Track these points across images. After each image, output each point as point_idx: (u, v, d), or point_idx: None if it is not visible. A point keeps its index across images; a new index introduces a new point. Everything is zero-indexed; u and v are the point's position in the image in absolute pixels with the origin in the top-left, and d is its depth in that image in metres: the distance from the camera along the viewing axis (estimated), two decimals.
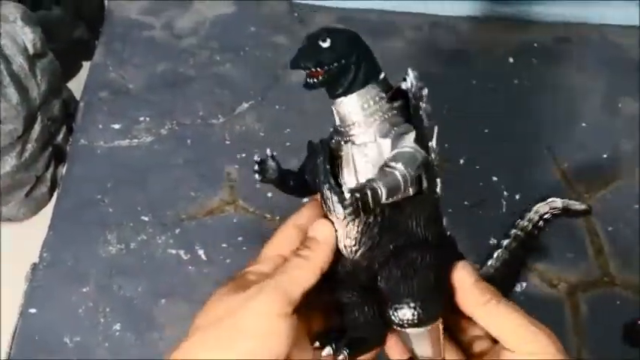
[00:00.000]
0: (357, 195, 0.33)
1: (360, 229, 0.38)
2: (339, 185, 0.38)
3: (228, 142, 0.70)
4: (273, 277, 0.38)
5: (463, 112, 0.72)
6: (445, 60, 0.79)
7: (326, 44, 0.36)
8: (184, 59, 0.76)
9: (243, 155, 0.69)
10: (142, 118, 0.70)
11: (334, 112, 0.38)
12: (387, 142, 0.37)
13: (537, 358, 0.36)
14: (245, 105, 0.73)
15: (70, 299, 0.59)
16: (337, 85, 0.37)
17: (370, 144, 0.37)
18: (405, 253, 0.37)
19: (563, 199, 0.43)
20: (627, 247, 0.66)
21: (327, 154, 0.39)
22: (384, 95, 0.38)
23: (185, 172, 0.67)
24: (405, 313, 0.36)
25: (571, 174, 0.70)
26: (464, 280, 0.38)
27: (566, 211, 0.49)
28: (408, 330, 0.37)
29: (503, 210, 0.67)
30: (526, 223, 0.50)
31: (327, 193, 0.38)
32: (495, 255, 0.50)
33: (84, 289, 0.59)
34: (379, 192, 0.34)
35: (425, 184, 0.37)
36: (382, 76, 0.38)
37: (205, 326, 0.37)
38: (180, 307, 0.59)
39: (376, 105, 0.37)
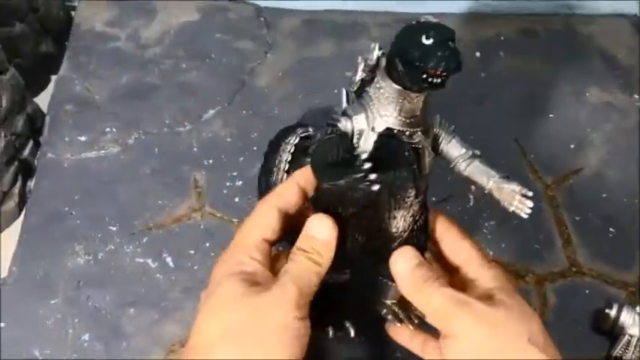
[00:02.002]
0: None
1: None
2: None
3: (195, 150, 0.70)
4: (286, 284, 0.38)
5: (431, 107, 0.73)
6: None
7: (454, 44, 0.36)
8: (150, 69, 0.76)
9: (210, 161, 0.69)
10: (108, 129, 0.71)
11: (400, 104, 0.39)
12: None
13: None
14: (211, 111, 0.73)
15: (38, 312, 0.59)
16: None
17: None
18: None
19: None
20: (595, 236, 0.66)
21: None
22: None
23: (152, 181, 0.68)
24: None
25: (538, 165, 0.71)
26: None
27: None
28: None
29: (471, 204, 0.67)
30: None
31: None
32: None
33: (52, 302, 0.60)
34: None
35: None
36: None
37: (227, 335, 0.36)
38: (148, 315, 0.59)
39: None
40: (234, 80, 0.76)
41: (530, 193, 0.41)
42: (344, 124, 0.40)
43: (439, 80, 0.36)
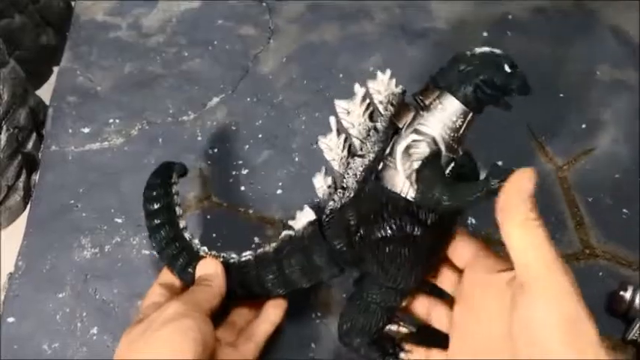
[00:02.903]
0: None
1: None
2: None
3: (199, 138, 0.69)
4: (181, 297, 0.48)
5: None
6: (418, 39, 0.78)
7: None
8: (152, 58, 0.75)
9: (216, 150, 0.68)
10: (111, 120, 0.70)
11: (461, 123, 0.43)
12: None
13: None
14: (215, 99, 0.72)
15: (46, 306, 0.59)
16: None
17: None
18: None
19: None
20: (608, 217, 0.64)
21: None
22: None
23: None
24: None
25: (549, 146, 0.69)
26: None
27: None
28: None
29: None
30: None
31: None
32: None
33: (60, 295, 0.59)
34: None
35: None
36: None
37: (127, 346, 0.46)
38: None
39: None
40: (237, 67, 0.75)
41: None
42: (433, 147, 0.43)
43: (509, 105, 0.44)
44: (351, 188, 0.47)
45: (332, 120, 0.47)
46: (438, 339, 0.47)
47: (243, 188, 0.66)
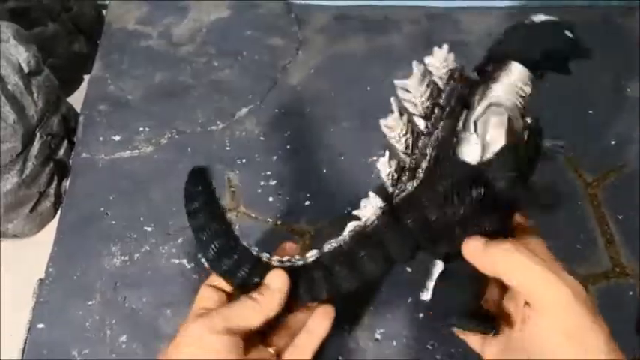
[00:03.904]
0: None
1: None
2: None
3: (228, 149, 0.70)
4: (217, 311, 0.45)
5: None
6: None
7: None
8: (182, 67, 0.76)
9: (244, 161, 0.69)
10: (141, 129, 0.71)
11: (528, 89, 0.44)
12: None
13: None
14: (244, 110, 0.73)
15: (76, 313, 0.59)
16: None
17: None
18: None
19: None
20: (639, 235, 0.64)
21: None
22: None
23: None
24: None
25: (578, 163, 0.69)
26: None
27: None
28: None
29: None
30: None
31: None
32: None
33: (90, 303, 0.60)
34: None
35: None
36: None
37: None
38: (185, 316, 0.59)
39: None
40: (266, 78, 0.75)
41: None
42: (509, 115, 0.43)
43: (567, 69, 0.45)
44: (422, 169, 0.45)
45: (393, 100, 0.45)
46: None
47: (271, 199, 0.66)
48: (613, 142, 0.71)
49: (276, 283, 0.46)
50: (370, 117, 0.72)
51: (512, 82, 0.44)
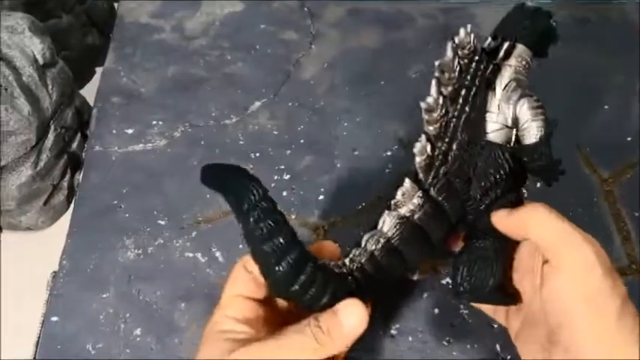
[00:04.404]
0: None
1: None
2: None
3: (241, 142, 0.69)
4: (264, 344, 0.36)
5: None
6: None
7: None
8: (195, 61, 0.75)
9: (257, 155, 0.68)
10: (154, 122, 0.70)
11: (529, 67, 0.47)
12: None
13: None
14: (257, 103, 0.72)
15: (90, 306, 0.59)
16: None
17: None
18: None
19: None
20: None
21: None
22: None
23: (200, 175, 0.67)
24: None
25: (594, 158, 0.68)
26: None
27: None
28: None
29: (526, 197, 0.65)
30: None
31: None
32: None
33: (104, 296, 0.60)
34: None
35: None
36: None
37: None
38: (199, 309, 0.59)
39: None
40: (279, 72, 0.75)
41: None
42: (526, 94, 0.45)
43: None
44: (453, 152, 0.45)
45: (433, 81, 0.44)
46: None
47: (285, 193, 0.66)
48: (629, 139, 0.70)
49: (351, 320, 0.36)
50: (384, 111, 0.72)
51: (521, 62, 0.46)
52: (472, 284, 0.46)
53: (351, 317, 0.36)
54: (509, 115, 0.45)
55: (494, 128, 0.45)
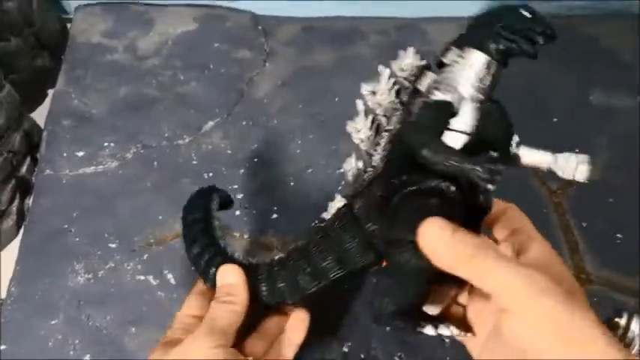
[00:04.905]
0: None
1: None
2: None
3: (195, 162, 0.69)
4: (204, 324, 0.43)
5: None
6: None
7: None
8: (148, 81, 0.75)
9: (211, 174, 0.68)
10: (106, 144, 0.70)
11: (485, 74, 0.42)
12: None
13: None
14: (211, 123, 0.72)
15: (39, 333, 0.58)
16: None
17: None
18: None
19: None
20: (603, 243, 0.65)
21: None
22: None
23: (152, 196, 0.67)
24: None
25: (543, 170, 0.69)
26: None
27: None
28: None
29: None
30: None
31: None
32: None
33: (52, 322, 0.59)
34: None
35: None
36: None
37: None
38: (150, 333, 0.58)
39: None
40: (233, 91, 0.75)
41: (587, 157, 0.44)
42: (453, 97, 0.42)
43: (533, 50, 0.42)
44: (379, 165, 0.45)
45: (358, 103, 0.45)
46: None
47: (238, 213, 0.66)
48: (577, 151, 0.71)
49: (232, 276, 0.47)
50: (337, 129, 0.72)
51: (465, 67, 0.42)
52: (375, 307, 0.43)
53: (226, 275, 0.47)
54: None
55: None
